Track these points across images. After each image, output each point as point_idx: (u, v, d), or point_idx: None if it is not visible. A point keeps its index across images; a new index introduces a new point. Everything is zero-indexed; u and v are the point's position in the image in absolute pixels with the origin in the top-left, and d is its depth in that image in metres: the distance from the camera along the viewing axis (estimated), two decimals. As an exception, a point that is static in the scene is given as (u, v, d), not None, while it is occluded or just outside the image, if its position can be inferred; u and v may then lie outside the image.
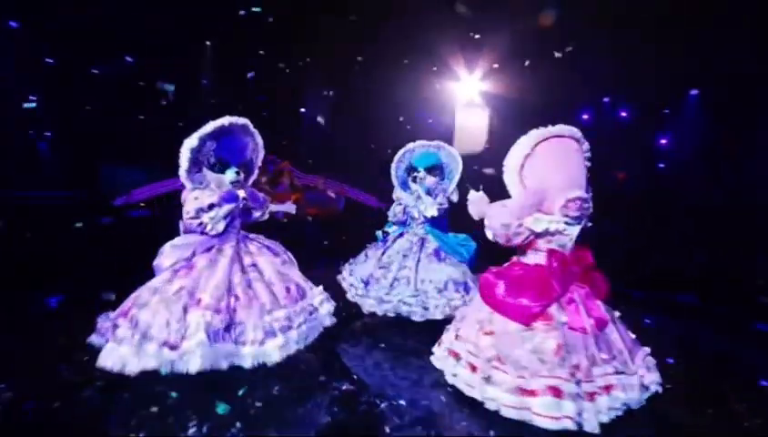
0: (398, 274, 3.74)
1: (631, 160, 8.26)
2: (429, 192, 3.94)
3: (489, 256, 4.01)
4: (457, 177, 4.01)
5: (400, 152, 4.13)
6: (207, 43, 8.55)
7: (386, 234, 4.10)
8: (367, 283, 3.84)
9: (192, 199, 2.78)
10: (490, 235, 2.58)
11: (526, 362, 2.27)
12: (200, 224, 2.83)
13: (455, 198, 4.00)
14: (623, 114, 8.84)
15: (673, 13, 5.84)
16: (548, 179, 2.50)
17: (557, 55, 7.36)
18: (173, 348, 2.48)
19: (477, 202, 2.72)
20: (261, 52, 8.90)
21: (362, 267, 3.99)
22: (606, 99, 8.90)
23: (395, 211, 4.06)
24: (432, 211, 3.85)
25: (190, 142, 2.70)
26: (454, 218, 3.93)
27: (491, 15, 7.38)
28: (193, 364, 2.45)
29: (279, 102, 9.25)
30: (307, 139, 9.85)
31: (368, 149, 9.25)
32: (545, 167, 2.51)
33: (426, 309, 3.60)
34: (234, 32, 7.98)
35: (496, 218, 2.53)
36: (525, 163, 2.51)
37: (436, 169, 3.96)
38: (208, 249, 2.88)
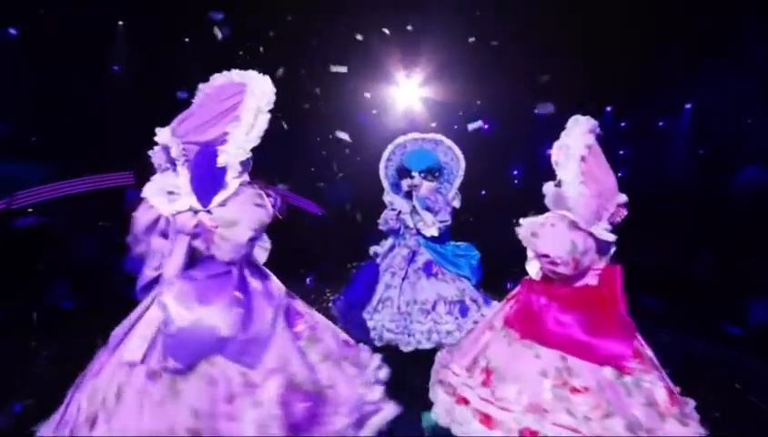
0: (383, 295, 3.12)
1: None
2: (429, 208, 3.27)
3: (493, 267, 3.62)
4: (459, 180, 3.43)
5: (389, 148, 3.47)
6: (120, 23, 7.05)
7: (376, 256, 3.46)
8: (354, 306, 3.16)
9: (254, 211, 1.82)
10: (546, 268, 1.92)
11: (644, 420, 1.69)
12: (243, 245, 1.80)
13: (457, 203, 3.43)
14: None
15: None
16: (602, 179, 2.01)
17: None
18: None
19: (527, 226, 2.02)
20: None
21: (352, 289, 3.33)
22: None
23: (386, 217, 3.38)
24: (433, 231, 3.22)
25: None
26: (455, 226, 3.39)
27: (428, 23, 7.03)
28: None
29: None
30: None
31: (305, 154, 8.43)
32: (600, 164, 2.03)
33: (411, 335, 2.99)
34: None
35: (559, 239, 1.87)
36: (587, 155, 1.97)
37: (433, 172, 3.34)
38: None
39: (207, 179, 1.76)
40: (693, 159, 6.88)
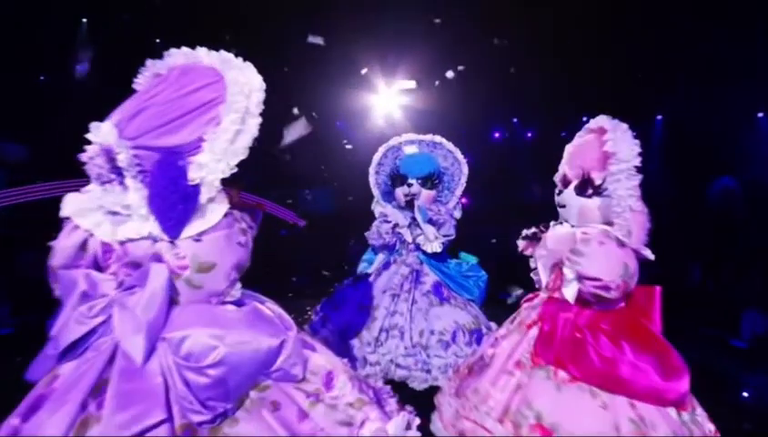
0: (386, 323, 2.67)
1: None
2: (431, 221, 2.89)
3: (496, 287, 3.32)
4: (461, 188, 3.08)
5: (380, 152, 3.07)
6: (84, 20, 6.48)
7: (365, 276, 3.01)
8: (344, 335, 2.71)
9: (236, 252, 1.49)
10: (590, 291, 1.64)
11: None
12: None
13: (458, 213, 3.09)
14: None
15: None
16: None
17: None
18: None
19: (562, 239, 1.77)
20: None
21: (340, 313, 2.82)
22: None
23: (380, 231, 2.95)
24: (436, 247, 2.83)
25: None
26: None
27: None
28: None
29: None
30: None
31: (281, 160, 8.02)
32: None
33: (428, 371, 2.55)
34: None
35: (612, 261, 1.62)
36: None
37: (433, 179, 2.98)
38: None
39: (171, 200, 1.28)
40: (668, 170, 6.98)
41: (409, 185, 2.92)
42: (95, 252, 1.34)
